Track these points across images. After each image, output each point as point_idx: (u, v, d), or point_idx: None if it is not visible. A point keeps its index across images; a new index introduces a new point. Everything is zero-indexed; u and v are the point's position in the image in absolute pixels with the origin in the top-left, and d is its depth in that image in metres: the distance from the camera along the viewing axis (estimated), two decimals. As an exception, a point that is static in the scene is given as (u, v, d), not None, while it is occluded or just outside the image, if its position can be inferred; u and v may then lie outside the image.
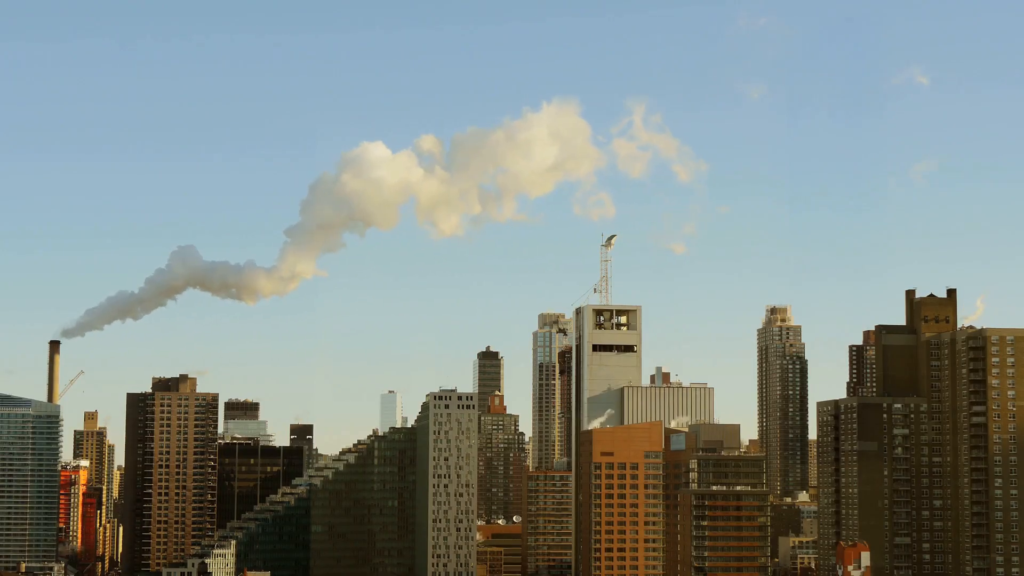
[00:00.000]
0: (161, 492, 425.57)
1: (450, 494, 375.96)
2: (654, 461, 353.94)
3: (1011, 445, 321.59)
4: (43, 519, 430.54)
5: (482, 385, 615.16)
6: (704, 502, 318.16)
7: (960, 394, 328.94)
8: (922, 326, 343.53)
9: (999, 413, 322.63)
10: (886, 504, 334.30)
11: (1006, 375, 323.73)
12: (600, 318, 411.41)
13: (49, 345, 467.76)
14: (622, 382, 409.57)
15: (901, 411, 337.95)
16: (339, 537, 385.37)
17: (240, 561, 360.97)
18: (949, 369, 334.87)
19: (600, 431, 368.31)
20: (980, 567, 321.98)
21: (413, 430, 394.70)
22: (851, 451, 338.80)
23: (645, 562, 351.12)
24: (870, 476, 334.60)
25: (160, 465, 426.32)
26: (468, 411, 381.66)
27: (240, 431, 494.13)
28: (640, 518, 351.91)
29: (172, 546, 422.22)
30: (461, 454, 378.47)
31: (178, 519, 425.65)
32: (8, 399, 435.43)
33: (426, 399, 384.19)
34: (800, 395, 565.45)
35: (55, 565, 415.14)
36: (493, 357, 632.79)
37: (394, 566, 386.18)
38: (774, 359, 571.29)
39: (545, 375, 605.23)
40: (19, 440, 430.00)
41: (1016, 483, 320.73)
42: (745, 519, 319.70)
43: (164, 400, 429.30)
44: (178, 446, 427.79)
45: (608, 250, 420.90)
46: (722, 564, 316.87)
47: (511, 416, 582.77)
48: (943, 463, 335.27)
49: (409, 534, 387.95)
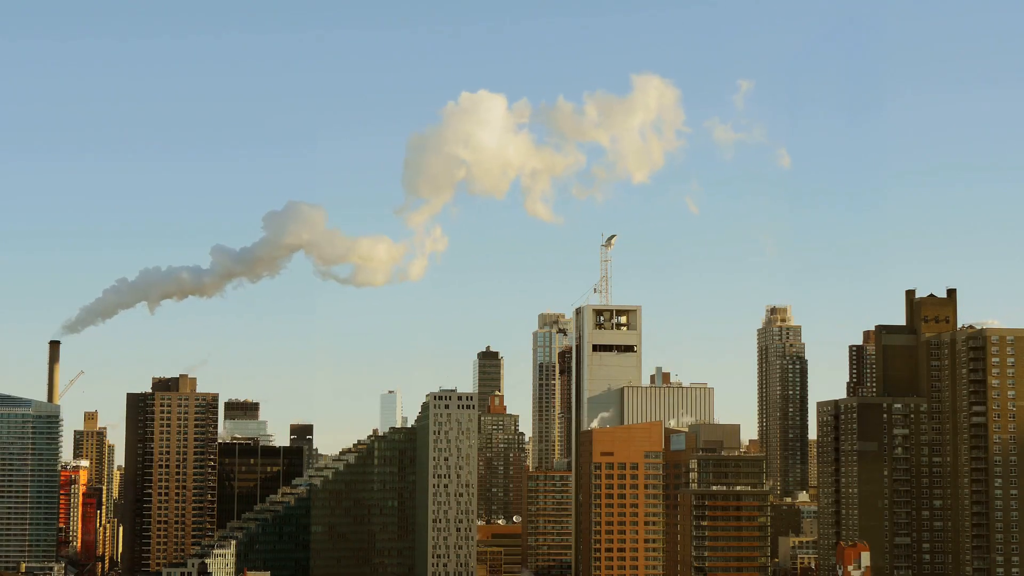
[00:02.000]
0: (161, 492, 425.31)
1: (450, 494, 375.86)
2: (654, 461, 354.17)
3: (1011, 445, 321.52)
4: (43, 519, 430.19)
5: (482, 385, 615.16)
6: (704, 502, 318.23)
7: (960, 394, 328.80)
8: (922, 326, 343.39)
9: (999, 413, 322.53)
10: (886, 504, 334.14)
11: (1006, 375, 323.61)
12: (600, 318, 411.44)
13: (49, 345, 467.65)
14: (622, 382, 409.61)
15: (901, 411, 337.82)
16: (339, 537, 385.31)
17: (240, 561, 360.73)
18: (949, 369, 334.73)
19: (600, 431, 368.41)
20: (980, 567, 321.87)
21: (413, 430, 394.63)
22: (851, 451, 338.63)
23: (645, 562, 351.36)
24: (870, 476, 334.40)
25: (160, 465, 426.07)
26: (468, 411, 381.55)
27: (240, 431, 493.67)
28: (640, 518, 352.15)
29: (172, 546, 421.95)
30: (461, 454, 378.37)
31: (178, 519, 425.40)
32: (8, 399, 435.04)
33: (426, 399, 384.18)
34: (800, 395, 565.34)
35: (55, 565, 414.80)
36: (493, 357, 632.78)
37: (394, 566, 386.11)
38: (774, 359, 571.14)
39: (545, 375, 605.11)
40: (19, 440, 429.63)
41: (1016, 483, 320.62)
42: (745, 519, 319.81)
43: (164, 400, 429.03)
44: (178, 446, 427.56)
45: (608, 250, 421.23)
46: (722, 564, 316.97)
47: (511, 416, 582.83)
48: (943, 463, 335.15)
49: (409, 534, 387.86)
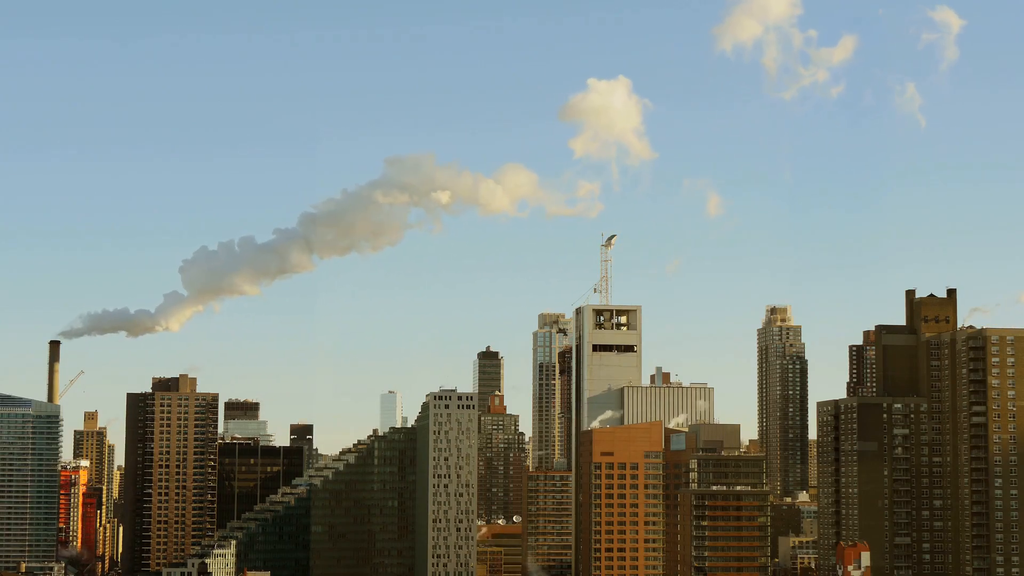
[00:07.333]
0: (161, 492, 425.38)
1: (450, 494, 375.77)
2: (654, 461, 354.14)
3: (1011, 445, 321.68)
4: (43, 519, 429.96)
5: (482, 385, 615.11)
6: (704, 502, 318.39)
7: (960, 394, 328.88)
8: (922, 326, 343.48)
9: (999, 413, 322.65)
10: (886, 504, 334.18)
11: (1006, 375, 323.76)
12: (600, 318, 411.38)
13: (49, 345, 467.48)
14: (622, 382, 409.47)
15: (901, 411, 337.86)
16: (339, 537, 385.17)
17: (240, 561, 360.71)
18: (949, 369, 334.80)
19: (600, 431, 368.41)
20: (980, 567, 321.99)
21: (413, 430, 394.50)
22: (851, 451, 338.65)
23: (645, 562, 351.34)
24: (870, 476, 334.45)
25: (160, 465, 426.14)
26: (468, 411, 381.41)
27: (240, 431, 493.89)
28: (640, 518, 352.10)
29: (172, 546, 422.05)
30: (461, 454, 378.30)
31: (178, 519, 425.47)
32: (8, 399, 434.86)
33: (426, 399, 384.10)
34: (800, 395, 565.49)
35: (55, 565, 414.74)
36: (493, 357, 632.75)
37: (394, 566, 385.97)
38: (774, 359, 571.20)
39: (545, 375, 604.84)
40: (19, 440, 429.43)
41: (1016, 483, 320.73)
42: (745, 519, 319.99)
43: (164, 400, 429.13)
44: (178, 446, 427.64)
45: (608, 250, 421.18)
46: (722, 564, 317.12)
47: (511, 416, 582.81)
48: (943, 463, 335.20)
49: (409, 534, 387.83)
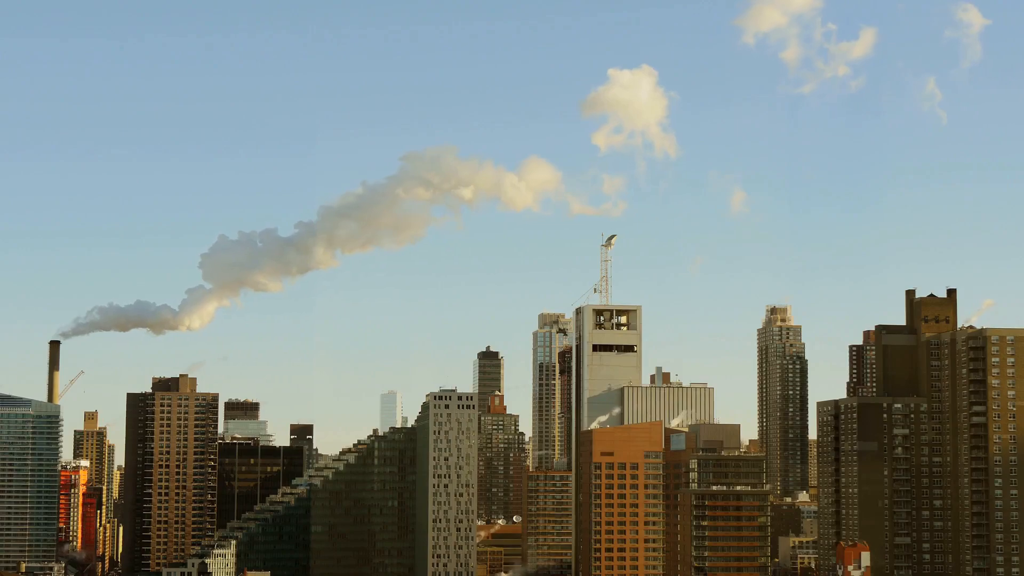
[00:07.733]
0: (161, 492, 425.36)
1: (450, 494, 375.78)
2: (654, 461, 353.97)
3: (1011, 445, 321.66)
4: (43, 519, 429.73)
5: (482, 385, 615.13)
6: (704, 502, 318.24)
7: (960, 394, 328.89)
8: (922, 326, 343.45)
9: (999, 413, 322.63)
10: (886, 504, 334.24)
11: (1006, 375, 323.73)
12: (600, 318, 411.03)
13: (49, 345, 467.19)
14: (622, 382, 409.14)
15: (901, 411, 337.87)
16: (339, 537, 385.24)
17: (240, 561, 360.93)
18: (949, 369, 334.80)
19: (600, 431, 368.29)
20: (980, 567, 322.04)
21: (413, 430, 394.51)
22: (851, 451, 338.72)
23: (645, 562, 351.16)
24: (870, 476, 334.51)
25: (160, 465, 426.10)
26: (468, 411, 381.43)
27: (240, 431, 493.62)
28: (640, 518, 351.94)
29: (172, 546, 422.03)
30: (461, 454, 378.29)
31: (178, 519, 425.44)
32: (8, 399, 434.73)
33: (426, 399, 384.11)
34: (800, 395, 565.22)
35: (55, 565, 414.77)
36: (493, 357, 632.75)
37: (394, 566, 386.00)
38: (774, 359, 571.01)
39: (545, 375, 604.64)
40: (19, 440, 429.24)
41: (1016, 483, 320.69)
42: (745, 519, 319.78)
43: (164, 400, 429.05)
44: (178, 446, 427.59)
45: (608, 250, 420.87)
46: (722, 564, 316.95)
47: (511, 416, 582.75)
48: (943, 463, 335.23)
49: (409, 534, 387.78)
